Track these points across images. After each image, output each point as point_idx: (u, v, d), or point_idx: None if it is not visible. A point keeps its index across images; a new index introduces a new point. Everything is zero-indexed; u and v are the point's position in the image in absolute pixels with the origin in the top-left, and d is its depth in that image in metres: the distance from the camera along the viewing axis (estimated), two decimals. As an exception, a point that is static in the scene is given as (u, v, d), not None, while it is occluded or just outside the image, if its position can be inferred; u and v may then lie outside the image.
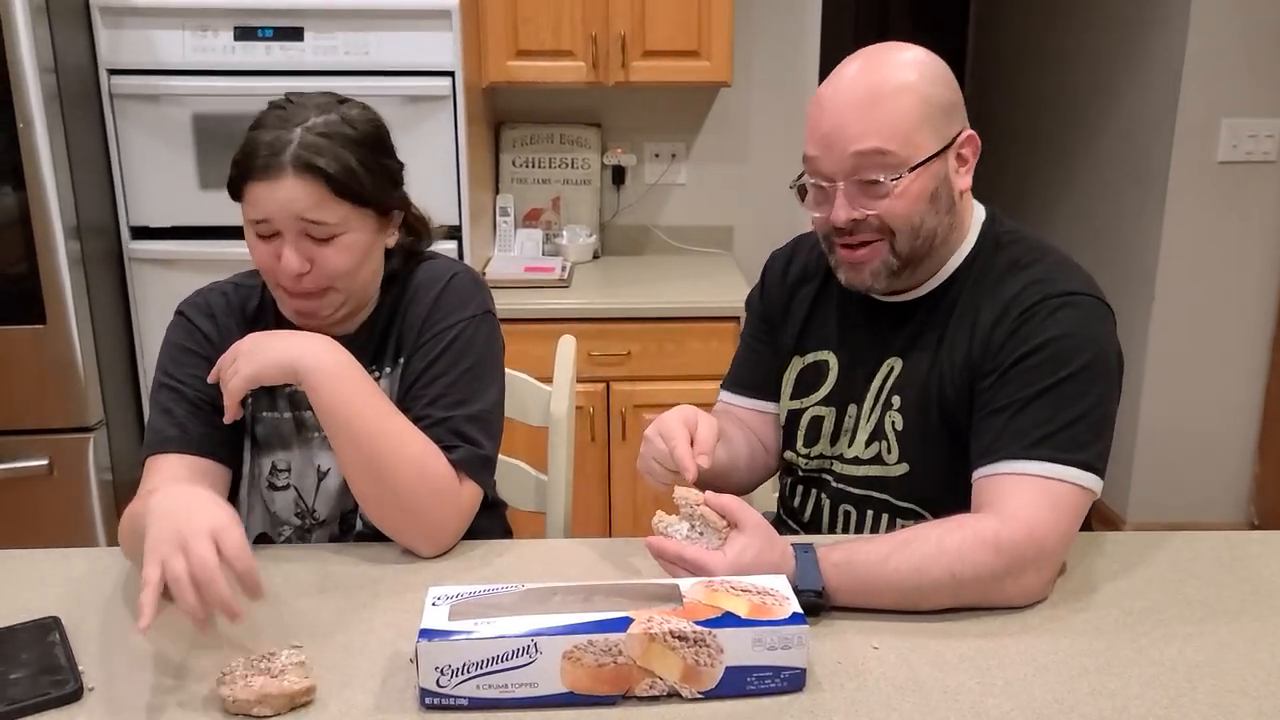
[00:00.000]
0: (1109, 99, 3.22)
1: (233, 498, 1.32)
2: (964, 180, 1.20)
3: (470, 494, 1.22)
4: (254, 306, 1.30)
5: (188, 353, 1.26)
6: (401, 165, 1.28)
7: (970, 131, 1.19)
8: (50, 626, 1.02)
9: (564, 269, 2.75)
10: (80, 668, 0.96)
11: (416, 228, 1.33)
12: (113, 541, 2.27)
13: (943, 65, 1.18)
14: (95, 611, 1.07)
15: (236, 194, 1.19)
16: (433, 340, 1.26)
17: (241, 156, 1.17)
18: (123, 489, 1.28)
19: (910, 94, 1.13)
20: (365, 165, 1.19)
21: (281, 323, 1.27)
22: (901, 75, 1.14)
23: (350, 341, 1.23)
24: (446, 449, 1.20)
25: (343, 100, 1.24)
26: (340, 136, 1.18)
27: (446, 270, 1.31)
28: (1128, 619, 1.05)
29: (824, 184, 1.18)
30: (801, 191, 1.22)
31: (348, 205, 1.18)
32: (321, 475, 1.28)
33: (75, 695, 0.92)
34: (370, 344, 1.28)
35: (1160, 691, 0.93)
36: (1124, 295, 3.08)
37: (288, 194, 1.15)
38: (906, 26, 4.96)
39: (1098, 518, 3.13)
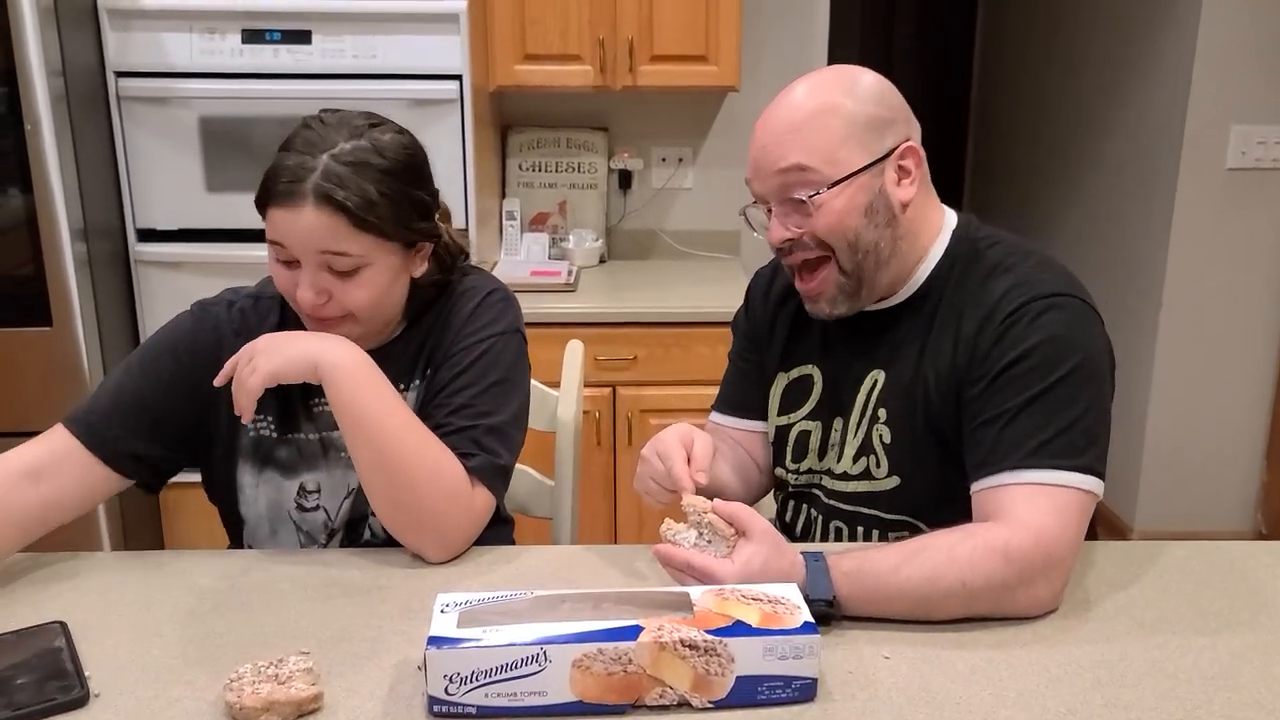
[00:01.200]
0: (1117, 104, 3.21)
1: (233, 521, 1.32)
2: (906, 192, 1.20)
3: (483, 501, 1.21)
4: (274, 322, 1.28)
5: (170, 356, 1.25)
6: (435, 194, 1.25)
7: (911, 144, 1.19)
8: (56, 631, 1.02)
9: (570, 273, 2.74)
10: (86, 673, 0.95)
11: (447, 259, 1.30)
12: (119, 545, 2.28)
13: (882, 85, 1.20)
14: (101, 616, 1.07)
15: (261, 211, 1.17)
16: (462, 352, 1.25)
17: (267, 177, 1.14)
18: (128, 493, 1.27)
19: (833, 114, 1.16)
20: (391, 197, 1.16)
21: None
22: (827, 97, 1.17)
23: (377, 357, 1.23)
24: (463, 456, 1.20)
25: (378, 123, 1.19)
26: (367, 166, 1.14)
27: (484, 287, 1.31)
28: (1140, 630, 1.04)
29: (761, 207, 1.21)
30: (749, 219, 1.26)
31: (370, 238, 1.15)
32: (350, 493, 1.27)
33: (81, 701, 0.92)
34: (400, 359, 1.28)
35: (1175, 704, 0.92)
36: (1131, 302, 3.07)
37: (307, 224, 1.12)
38: (912, 32, 4.95)
39: (1104, 526, 3.12)
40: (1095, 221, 3.38)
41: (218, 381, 1.15)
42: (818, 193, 1.16)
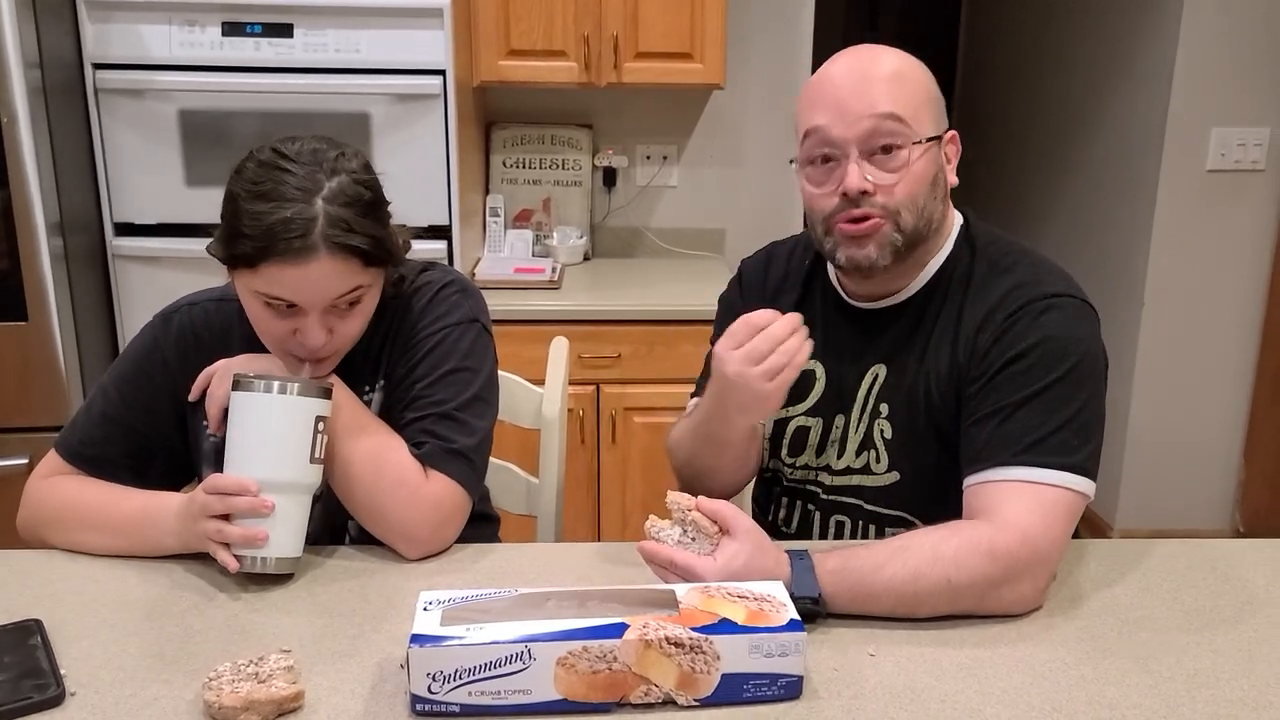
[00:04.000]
0: (1100, 107, 3.23)
1: None
2: (952, 176, 1.23)
3: (437, 488, 1.19)
4: (243, 333, 1.24)
5: (144, 377, 1.26)
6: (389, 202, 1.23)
7: (953, 131, 1.22)
8: (31, 629, 1.00)
9: (554, 270, 2.73)
10: (62, 671, 0.94)
11: (401, 259, 1.29)
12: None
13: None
14: (77, 614, 1.05)
15: (248, 267, 1.10)
16: (416, 347, 1.25)
17: (258, 234, 1.07)
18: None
19: (921, 76, 1.19)
20: (386, 227, 1.16)
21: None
22: (910, 61, 1.19)
23: (343, 364, 1.22)
24: (415, 445, 1.20)
25: (341, 150, 1.15)
26: (360, 203, 1.12)
27: (439, 281, 1.30)
28: (1124, 627, 1.05)
29: (833, 153, 1.16)
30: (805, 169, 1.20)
31: (375, 270, 1.16)
32: (316, 498, 1.26)
33: (57, 699, 0.90)
34: (361, 364, 1.27)
35: (1159, 701, 0.92)
36: (1113, 302, 3.09)
37: (322, 275, 1.10)
38: (896, 32, 4.97)
39: (1085, 524, 3.14)
40: (1078, 221, 3.40)
41: (191, 396, 1.17)
42: (919, 140, 1.15)
